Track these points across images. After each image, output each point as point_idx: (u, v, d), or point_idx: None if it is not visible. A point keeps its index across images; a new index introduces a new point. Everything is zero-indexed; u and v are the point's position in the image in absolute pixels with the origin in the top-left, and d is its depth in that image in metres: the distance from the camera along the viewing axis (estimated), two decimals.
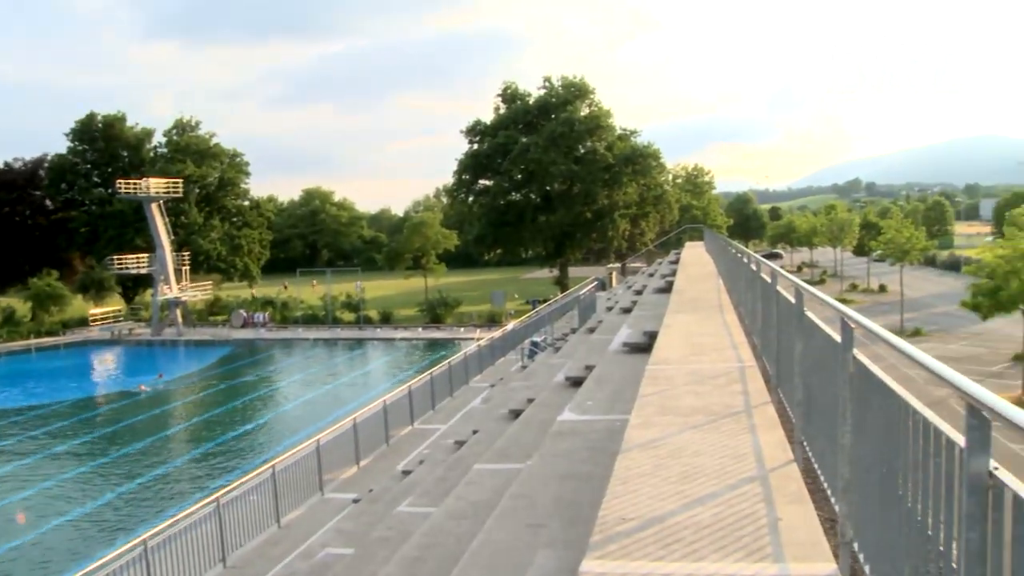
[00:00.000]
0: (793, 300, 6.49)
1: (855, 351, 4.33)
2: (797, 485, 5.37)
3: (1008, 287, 34.19)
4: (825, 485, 5.31)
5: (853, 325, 4.34)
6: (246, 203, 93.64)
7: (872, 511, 4.01)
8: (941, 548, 2.91)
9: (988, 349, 43.31)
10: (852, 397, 4.30)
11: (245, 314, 75.38)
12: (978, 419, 2.51)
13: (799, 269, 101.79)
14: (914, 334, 48.68)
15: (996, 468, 2.50)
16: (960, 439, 2.69)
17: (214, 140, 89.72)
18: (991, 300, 35.10)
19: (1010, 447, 23.55)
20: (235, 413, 44.75)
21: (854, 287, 76.16)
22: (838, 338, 4.60)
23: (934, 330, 50.27)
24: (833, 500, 4.93)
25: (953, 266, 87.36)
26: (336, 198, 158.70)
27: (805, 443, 6.10)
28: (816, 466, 5.68)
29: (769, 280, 8.60)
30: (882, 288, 72.75)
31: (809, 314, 6.00)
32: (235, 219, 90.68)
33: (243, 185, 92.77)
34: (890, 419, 3.57)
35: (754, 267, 10.80)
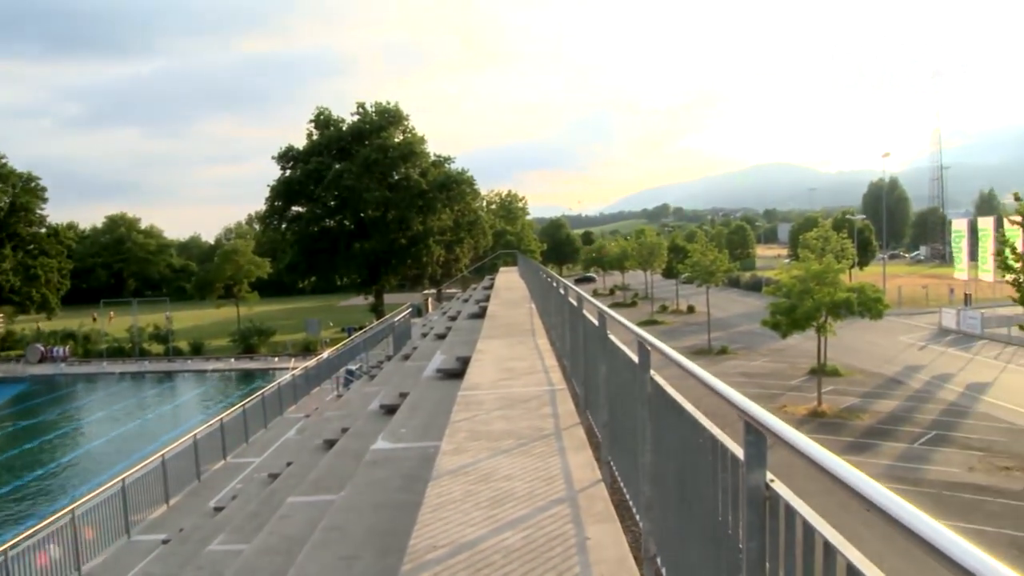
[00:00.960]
0: (597, 323, 6.67)
1: (652, 372, 4.48)
2: (605, 504, 5.49)
3: (803, 306, 36.00)
4: (631, 503, 5.44)
5: (649, 348, 4.50)
6: (43, 230, 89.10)
7: (672, 526, 4.14)
8: (730, 558, 3.04)
9: (788, 364, 45.58)
10: (650, 417, 4.44)
11: (43, 348, 71.43)
12: (754, 435, 2.65)
13: (612, 292, 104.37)
14: (721, 352, 50.72)
15: (772, 480, 2.64)
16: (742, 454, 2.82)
17: (3, 162, 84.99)
18: (788, 318, 36.76)
19: None
20: (31, 455, 42.21)
21: (664, 308, 78.57)
22: (637, 360, 4.75)
23: (739, 348, 52.47)
24: (638, 517, 5.05)
25: (755, 287, 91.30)
26: (143, 225, 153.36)
27: (612, 462, 6.24)
28: (622, 484, 5.81)
29: (576, 304, 8.79)
30: (690, 309, 75.33)
31: (612, 337, 6.17)
32: (30, 247, 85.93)
33: (39, 211, 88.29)
34: (684, 437, 3.71)
35: (562, 291, 11.03)
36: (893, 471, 26.20)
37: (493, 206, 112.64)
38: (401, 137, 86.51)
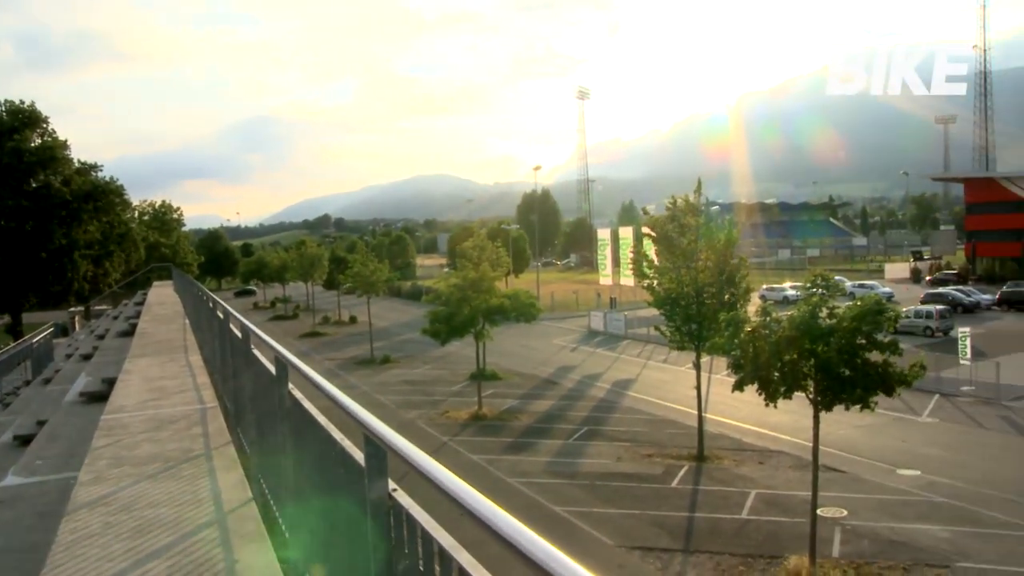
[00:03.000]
0: (241, 337, 6.54)
1: (290, 386, 4.45)
2: (255, 524, 5.38)
3: (460, 313, 37.18)
4: (280, 520, 5.38)
5: (285, 362, 4.46)
6: None
7: (317, 540, 4.13)
8: (366, 567, 3.07)
9: (449, 370, 46.91)
10: (291, 431, 4.41)
11: None
12: (373, 447, 2.70)
13: (273, 304, 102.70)
14: (384, 361, 51.35)
15: (395, 490, 2.70)
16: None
17: None
18: (447, 326, 37.82)
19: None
20: None
21: (327, 320, 78.27)
22: (275, 374, 4.70)
23: (402, 356, 53.35)
24: (288, 534, 4.99)
25: (416, 296, 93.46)
26: None
27: (263, 480, 6.15)
28: (272, 502, 5.74)
29: (223, 318, 8.59)
30: (352, 319, 75.52)
31: (255, 351, 6.07)
32: None
33: None
34: (320, 450, 3.71)
35: (211, 305, 10.76)
36: (551, 467, 27.71)
37: (146, 217, 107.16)
38: (39, 141, 79.99)
